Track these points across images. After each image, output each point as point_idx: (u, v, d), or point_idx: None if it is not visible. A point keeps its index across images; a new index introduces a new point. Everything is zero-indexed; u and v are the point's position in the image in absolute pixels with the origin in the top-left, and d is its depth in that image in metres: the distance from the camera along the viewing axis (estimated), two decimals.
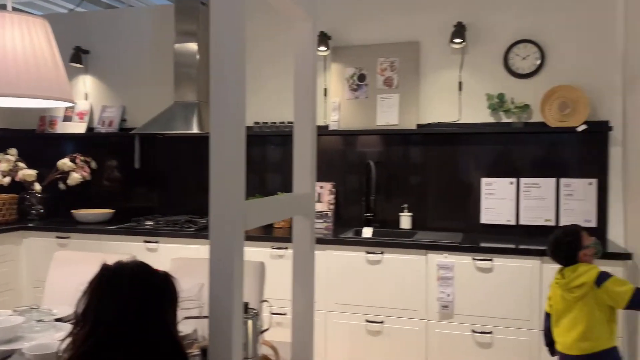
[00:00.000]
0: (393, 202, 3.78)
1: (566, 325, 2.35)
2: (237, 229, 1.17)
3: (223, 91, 1.16)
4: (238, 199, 1.17)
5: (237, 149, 1.17)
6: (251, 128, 3.99)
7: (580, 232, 2.41)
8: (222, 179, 1.16)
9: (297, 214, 1.62)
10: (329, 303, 3.32)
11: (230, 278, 1.16)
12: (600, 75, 3.38)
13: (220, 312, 1.17)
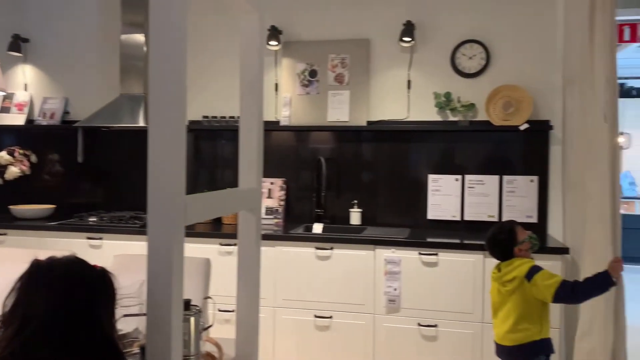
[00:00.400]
0: (343, 198, 3.80)
1: (501, 317, 2.42)
2: (176, 224, 1.14)
3: (162, 83, 1.13)
4: (178, 193, 1.14)
5: (176, 141, 1.14)
6: (200, 122, 3.92)
7: (515, 228, 2.47)
8: (160, 172, 1.13)
9: (242, 209, 1.60)
10: (277, 299, 3.31)
11: (169, 274, 1.14)
12: (542, 75, 3.50)
13: (158, 309, 1.14)
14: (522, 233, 2.46)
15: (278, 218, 3.78)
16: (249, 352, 1.64)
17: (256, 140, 1.63)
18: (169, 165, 1.13)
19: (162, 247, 1.14)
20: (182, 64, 1.15)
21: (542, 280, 2.30)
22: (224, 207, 1.46)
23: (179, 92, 1.15)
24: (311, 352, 3.27)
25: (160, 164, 1.14)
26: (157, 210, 1.14)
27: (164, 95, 1.13)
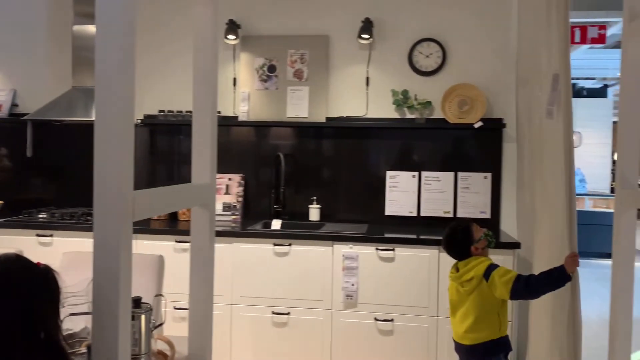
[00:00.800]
0: (302, 195, 3.80)
1: (459, 316, 2.43)
2: (123, 220, 1.11)
3: (108, 74, 1.10)
4: (125, 188, 1.12)
5: (123, 134, 1.11)
6: (155, 116, 3.84)
7: (470, 227, 2.46)
8: (106, 167, 1.11)
9: (195, 205, 1.58)
10: (234, 296, 3.28)
11: (116, 271, 1.11)
12: (496, 74, 3.59)
13: (105, 307, 1.11)
14: (478, 231, 2.46)
15: (236, 214, 3.75)
16: (202, 349, 1.62)
17: (210, 135, 1.61)
18: (116, 159, 1.10)
19: (109, 243, 1.11)
20: (129, 55, 1.12)
21: (499, 277, 2.30)
22: (175, 202, 1.43)
23: (126, 84, 1.12)
24: (268, 349, 3.26)
25: (106, 158, 1.11)
26: (103, 205, 1.11)
27: (110, 87, 1.10)
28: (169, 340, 1.69)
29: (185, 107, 3.85)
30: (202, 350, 1.62)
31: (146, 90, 3.90)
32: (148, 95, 3.90)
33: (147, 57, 3.88)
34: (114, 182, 1.10)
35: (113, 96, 1.10)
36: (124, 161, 1.11)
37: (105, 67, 1.10)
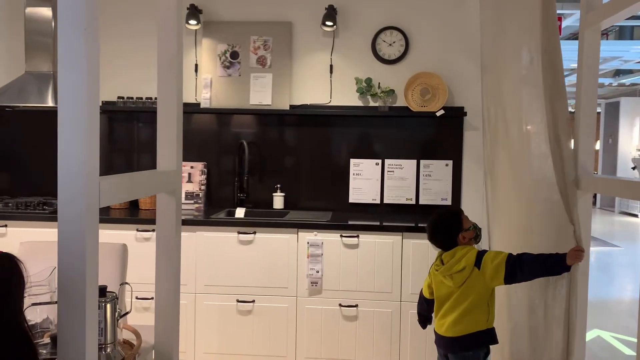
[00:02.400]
0: (266, 183, 3.79)
1: (446, 309, 2.30)
2: (90, 206, 1.09)
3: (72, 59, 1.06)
4: (91, 175, 1.09)
5: (89, 120, 1.08)
6: (114, 103, 3.74)
7: (461, 215, 2.35)
8: (71, 153, 1.07)
9: (160, 192, 1.56)
10: (198, 285, 3.25)
11: (82, 259, 1.08)
12: (458, 63, 3.65)
13: (71, 296, 1.09)
14: (467, 221, 2.35)
15: (199, 203, 3.71)
16: (169, 338, 1.60)
17: (175, 121, 1.58)
18: (81, 145, 1.07)
19: (75, 231, 1.08)
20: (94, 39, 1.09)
21: (490, 261, 2.17)
22: (142, 189, 1.41)
23: (92, 68, 1.09)
24: (234, 337, 3.25)
25: (71, 144, 1.08)
26: (69, 192, 1.08)
27: (75, 72, 1.07)
28: (135, 329, 1.67)
29: (146, 93, 3.76)
30: (169, 339, 1.61)
31: (104, 77, 3.78)
32: (106, 81, 3.79)
33: (104, 43, 3.76)
34: (80, 169, 1.08)
35: (78, 82, 1.07)
36: (90, 146, 1.08)
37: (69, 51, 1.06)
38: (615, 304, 5.17)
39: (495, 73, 3.06)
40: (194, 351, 3.26)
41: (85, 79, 1.06)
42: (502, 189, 2.83)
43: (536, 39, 2.40)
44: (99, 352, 1.42)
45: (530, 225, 2.42)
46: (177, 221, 1.59)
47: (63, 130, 1.07)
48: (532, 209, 2.38)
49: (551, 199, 2.08)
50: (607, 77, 10.64)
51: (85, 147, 1.07)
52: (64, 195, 1.08)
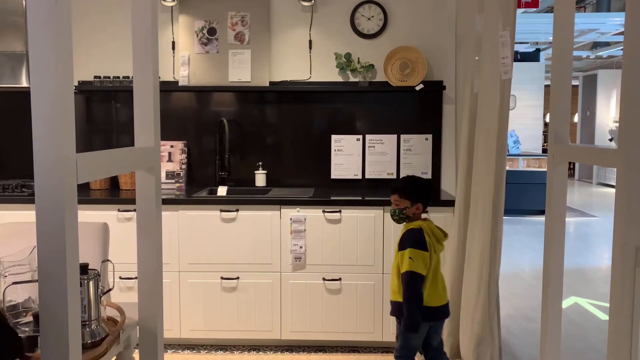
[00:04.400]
0: (248, 161, 3.78)
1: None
2: (67, 183, 1.08)
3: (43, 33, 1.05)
4: (67, 151, 1.08)
5: (62, 95, 1.07)
6: (91, 83, 3.68)
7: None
8: (46, 129, 1.06)
9: (139, 169, 1.55)
10: (182, 263, 3.26)
11: (61, 235, 1.08)
12: (436, 37, 3.65)
13: (52, 273, 1.09)
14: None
15: (180, 182, 3.70)
16: (153, 314, 1.61)
17: (152, 97, 1.57)
18: (56, 121, 1.06)
19: (53, 208, 1.08)
20: (65, 13, 1.07)
21: (404, 257, 2.42)
22: (119, 166, 1.40)
23: (64, 43, 1.07)
24: (219, 314, 3.28)
25: (46, 120, 1.07)
26: (45, 169, 1.07)
27: (47, 47, 1.05)
28: (119, 306, 1.67)
29: (122, 72, 3.71)
30: (153, 315, 1.62)
31: (80, 56, 3.71)
32: (82, 61, 3.72)
33: (79, 22, 3.68)
34: (56, 145, 1.07)
35: (50, 56, 1.05)
36: (65, 121, 1.07)
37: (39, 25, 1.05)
38: (592, 271, 5.30)
39: (468, 47, 3.07)
40: (179, 328, 3.29)
41: (57, 54, 1.05)
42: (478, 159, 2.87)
43: (511, 15, 2.41)
44: (83, 329, 1.43)
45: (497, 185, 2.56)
46: (157, 198, 1.59)
47: (37, 106, 1.06)
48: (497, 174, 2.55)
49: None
50: (585, 49, 10.73)
51: (60, 123, 1.06)
52: (40, 171, 1.07)
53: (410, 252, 2.39)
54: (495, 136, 2.69)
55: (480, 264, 2.79)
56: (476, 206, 2.86)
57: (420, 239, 2.42)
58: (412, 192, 2.49)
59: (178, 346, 3.34)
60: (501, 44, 2.52)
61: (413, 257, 2.38)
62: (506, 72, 2.53)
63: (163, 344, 1.66)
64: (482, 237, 2.77)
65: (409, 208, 2.49)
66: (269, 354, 3.25)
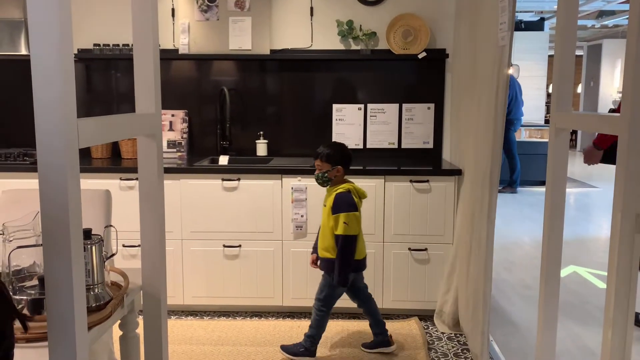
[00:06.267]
0: (249, 130, 3.77)
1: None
2: (69, 147, 1.08)
3: None
4: (68, 115, 1.08)
5: (62, 61, 1.06)
6: (91, 51, 3.65)
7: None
8: (47, 94, 1.06)
9: (140, 134, 1.55)
10: (184, 232, 3.29)
11: (64, 200, 1.09)
12: (439, 4, 3.59)
13: (56, 237, 1.10)
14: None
15: (181, 151, 3.69)
16: (156, 278, 1.64)
17: (152, 62, 1.56)
18: (57, 86, 1.06)
19: (55, 172, 1.08)
20: None
21: (340, 220, 2.65)
22: (121, 131, 1.40)
23: (63, 5, 1.06)
24: (221, 281, 3.32)
25: (47, 86, 1.06)
26: (47, 133, 1.07)
27: (45, 11, 1.04)
28: (122, 271, 1.70)
29: (122, 40, 3.67)
30: (156, 280, 1.64)
31: (79, 23, 3.67)
32: (81, 28, 3.68)
33: None
34: (56, 109, 1.07)
35: (49, 21, 1.04)
36: (66, 85, 1.07)
37: None
38: (591, 241, 5.34)
39: (469, 14, 3.02)
40: (182, 295, 3.34)
41: (56, 18, 1.04)
42: (472, 125, 2.85)
43: None
44: (87, 293, 1.46)
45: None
46: (158, 164, 1.59)
47: (37, 72, 1.05)
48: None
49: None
50: (591, 18, 10.56)
51: (61, 88, 1.05)
52: (42, 136, 1.07)
53: (344, 217, 2.63)
54: (493, 105, 2.67)
55: (473, 234, 2.81)
56: (473, 176, 2.87)
57: (351, 201, 2.67)
58: (330, 156, 2.72)
59: (181, 312, 3.40)
60: (500, 9, 2.49)
61: (347, 221, 2.63)
62: (503, 39, 2.50)
63: (166, 309, 1.69)
64: (476, 206, 2.78)
65: (330, 171, 2.72)
66: (270, 319, 3.30)
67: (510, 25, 2.49)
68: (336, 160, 2.73)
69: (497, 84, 2.60)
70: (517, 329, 3.31)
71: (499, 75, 2.60)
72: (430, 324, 3.27)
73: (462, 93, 3.22)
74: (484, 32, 2.76)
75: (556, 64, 1.97)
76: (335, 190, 2.72)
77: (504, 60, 2.59)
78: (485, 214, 2.69)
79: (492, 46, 2.64)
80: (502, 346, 2.99)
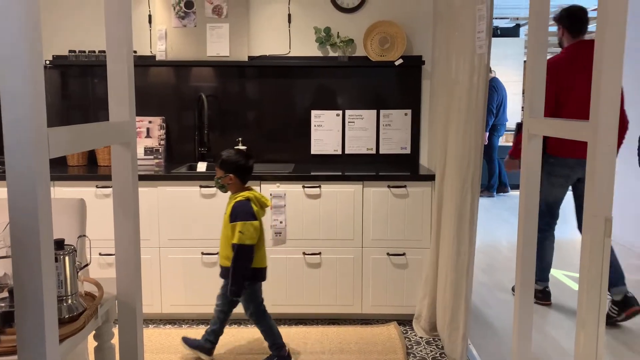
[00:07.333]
0: (227, 136, 3.76)
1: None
2: (39, 156, 1.07)
3: None
4: (38, 125, 1.07)
5: (32, 69, 1.05)
6: (66, 57, 3.61)
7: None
8: (16, 103, 1.05)
9: (114, 143, 1.54)
10: (162, 239, 3.26)
11: (34, 210, 1.08)
12: (415, 11, 3.63)
13: (25, 248, 1.08)
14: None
15: (159, 158, 3.67)
16: (131, 288, 1.62)
17: (126, 69, 1.55)
18: (26, 95, 1.05)
19: (25, 182, 1.07)
20: None
21: (236, 229, 2.63)
22: (94, 140, 1.39)
23: (31, 11, 1.05)
24: (200, 289, 3.29)
25: (15, 95, 1.05)
26: (16, 143, 1.06)
27: (12, 16, 1.03)
28: (96, 281, 1.68)
29: (98, 46, 3.63)
30: (131, 289, 1.62)
31: (54, 29, 3.63)
32: (56, 34, 3.63)
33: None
34: (26, 118, 1.05)
35: (17, 27, 1.03)
36: (36, 95, 1.06)
37: None
38: (567, 243, 5.42)
39: (446, 22, 3.06)
40: (160, 304, 3.30)
41: (25, 23, 1.02)
42: (451, 131, 2.89)
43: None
44: (60, 304, 1.43)
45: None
46: (133, 172, 1.58)
47: (5, 80, 1.04)
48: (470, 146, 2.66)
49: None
50: None
51: (30, 96, 1.04)
52: (11, 146, 1.05)
53: (240, 226, 2.61)
54: (473, 111, 2.71)
55: (454, 239, 2.84)
56: (452, 182, 2.90)
57: (249, 210, 2.65)
58: (223, 163, 2.73)
59: (159, 321, 3.36)
60: (478, 18, 2.53)
61: (243, 230, 2.60)
62: (480, 47, 2.54)
63: (142, 317, 1.67)
64: (457, 212, 2.81)
65: (223, 178, 2.72)
66: (249, 327, 3.28)
67: (488, 33, 2.53)
68: (228, 167, 2.71)
69: (477, 90, 2.63)
70: (495, 332, 3.34)
71: (478, 82, 2.64)
72: (409, 329, 3.29)
73: (439, 99, 3.25)
74: (462, 39, 2.79)
75: (529, 70, 2.00)
76: (234, 199, 2.70)
77: (483, 67, 2.63)
78: (467, 219, 2.72)
79: (470, 53, 2.68)
80: (480, 349, 3.02)
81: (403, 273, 3.31)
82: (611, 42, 1.42)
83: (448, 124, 3.01)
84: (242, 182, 2.75)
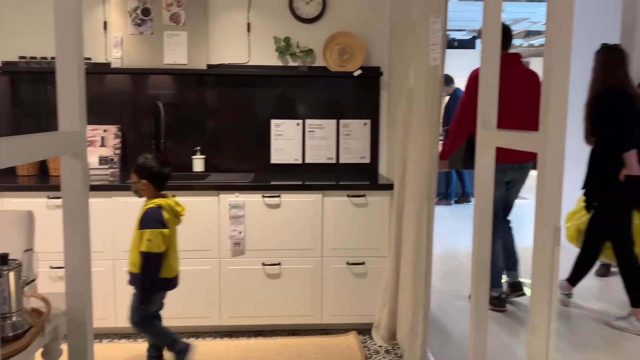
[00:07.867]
0: (185, 145, 3.70)
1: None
2: None
3: None
4: None
5: None
6: (16, 64, 3.49)
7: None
8: None
9: (63, 154, 1.49)
10: (116, 251, 3.17)
11: None
12: (373, 22, 3.68)
13: None
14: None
15: (114, 168, 3.58)
16: (81, 304, 1.57)
17: (76, 78, 1.51)
18: None
19: None
20: None
21: (145, 236, 2.59)
22: (41, 151, 1.34)
23: None
24: None
25: None
26: None
27: None
28: (44, 296, 1.61)
29: (50, 53, 3.53)
30: (81, 304, 1.57)
31: (3, 34, 3.50)
32: (6, 39, 3.51)
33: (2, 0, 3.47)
34: None
35: None
36: None
37: None
38: (522, 251, 5.55)
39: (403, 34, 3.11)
40: (114, 317, 3.21)
41: None
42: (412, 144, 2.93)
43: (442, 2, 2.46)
44: (4, 322, 1.37)
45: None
46: (83, 184, 1.53)
47: None
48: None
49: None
50: (519, 38, 11.13)
51: None
52: None
53: (148, 234, 2.58)
54: (428, 122, 2.75)
55: (413, 248, 2.87)
56: (411, 190, 2.93)
57: (159, 217, 2.62)
58: (138, 169, 2.70)
59: (114, 335, 3.27)
60: (432, 30, 2.58)
61: (151, 238, 2.58)
62: (435, 59, 2.58)
63: (92, 333, 1.61)
64: (416, 220, 2.85)
65: (137, 183, 2.69)
66: (208, 340, 3.23)
67: (442, 45, 2.58)
68: (142, 173, 2.68)
69: (432, 101, 2.68)
70: (453, 339, 3.39)
71: (432, 93, 2.69)
72: (368, 338, 3.30)
73: (397, 109, 3.30)
74: (418, 51, 2.84)
75: (482, 83, 2.05)
76: (146, 205, 2.68)
77: (437, 79, 2.68)
78: (425, 227, 2.76)
79: (426, 65, 2.73)
80: (438, 356, 3.05)
81: (362, 282, 3.32)
82: (559, 56, 1.47)
83: (407, 134, 3.05)
84: (156, 188, 2.71)
